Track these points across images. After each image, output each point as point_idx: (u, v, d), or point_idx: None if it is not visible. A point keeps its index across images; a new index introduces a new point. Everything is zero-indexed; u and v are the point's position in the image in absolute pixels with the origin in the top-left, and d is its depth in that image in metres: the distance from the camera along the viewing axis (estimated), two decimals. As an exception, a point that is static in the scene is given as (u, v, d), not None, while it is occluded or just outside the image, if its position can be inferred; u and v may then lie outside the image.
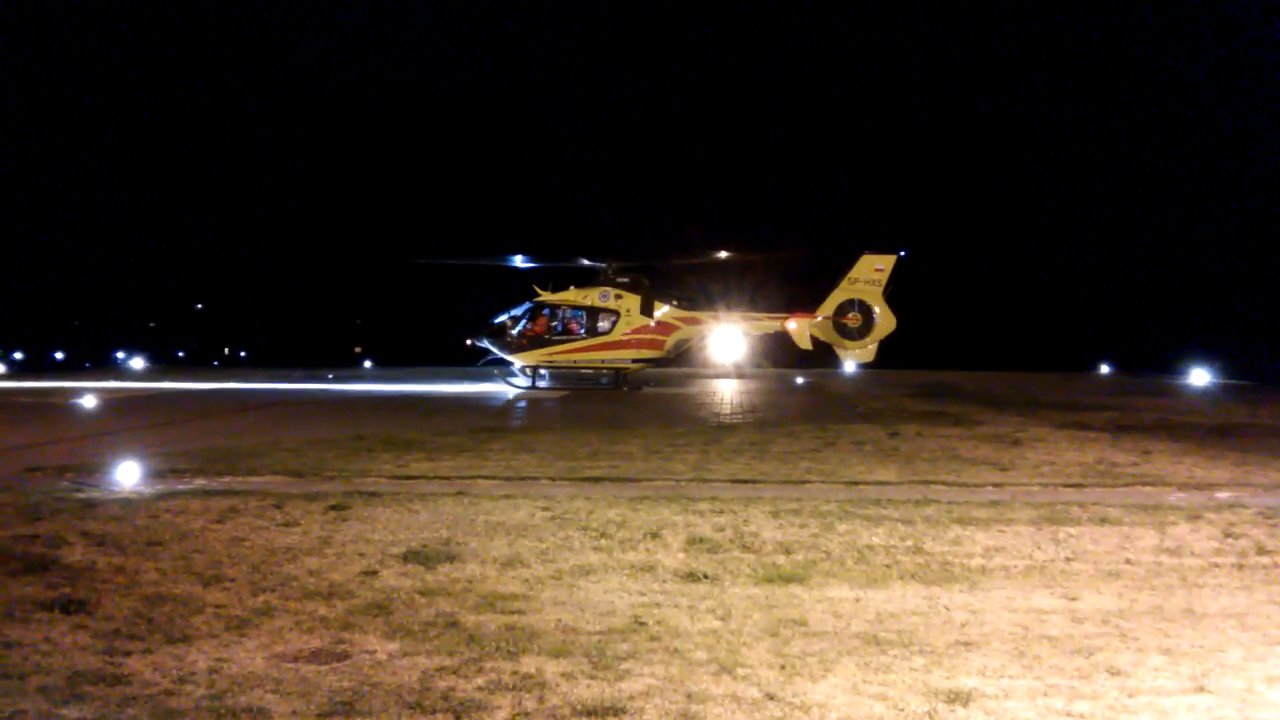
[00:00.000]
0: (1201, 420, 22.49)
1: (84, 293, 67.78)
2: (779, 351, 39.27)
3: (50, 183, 69.84)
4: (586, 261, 35.57)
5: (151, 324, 69.19)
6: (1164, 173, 66.53)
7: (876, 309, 35.28)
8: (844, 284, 35.71)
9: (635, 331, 34.86)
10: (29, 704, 5.73)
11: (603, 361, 34.95)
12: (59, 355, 55.75)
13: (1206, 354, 41.37)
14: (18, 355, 51.48)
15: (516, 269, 36.12)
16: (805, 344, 35.88)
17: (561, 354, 34.93)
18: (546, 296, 34.97)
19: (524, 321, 34.81)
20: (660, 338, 35.12)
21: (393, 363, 49.40)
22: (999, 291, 61.11)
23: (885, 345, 36.51)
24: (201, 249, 69.46)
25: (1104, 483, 13.36)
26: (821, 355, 37.70)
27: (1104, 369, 47.56)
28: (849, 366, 38.30)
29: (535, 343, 34.73)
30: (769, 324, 35.99)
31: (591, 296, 35.00)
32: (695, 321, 35.52)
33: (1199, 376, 38.70)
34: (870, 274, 35.59)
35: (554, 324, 34.84)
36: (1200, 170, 66.06)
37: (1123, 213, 67.34)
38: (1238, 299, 58.79)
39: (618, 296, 34.89)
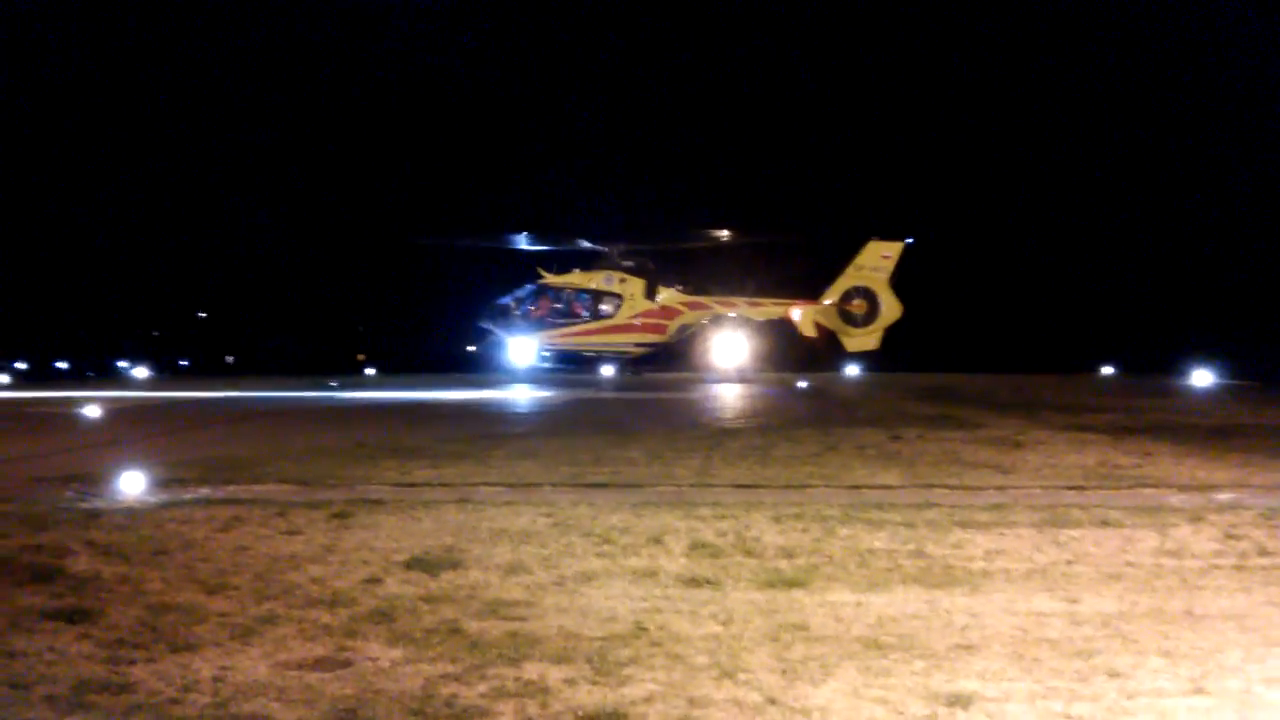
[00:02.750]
0: (1203, 421, 22.49)
1: (87, 302, 67.88)
2: (781, 355, 39.19)
3: (52, 191, 69.93)
4: (590, 244, 35.30)
5: (155, 333, 69.30)
6: (1167, 173, 66.55)
7: (882, 296, 35.12)
8: (850, 270, 35.53)
9: (639, 315, 34.51)
10: (35, 713, 5.79)
11: (605, 345, 34.66)
12: (62, 364, 55.84)
13: (1209, 355, 41.26)
14: (21, 365, 51.57)
15: (520, 254, 35.75)
16: (810, 330, 35.58)
17: (563, 336, 34.65)
18: (550, 279, 34.72)
19: (527, 303, 34.58)
20: (664, 322, 34.81)
21: (395, 370, 49.42)
22: (1000, 293, 61.01)
23: (886, 348, 36.48)
24: (205, 256, 69.52)
25: (1105, 485, 13.37)
26: (824, 357, 37.58)
27: (1106, 370, 47.50)
28: (851, 366, 38.08)
29: (538, 325, 34.47)
30: (774, 310, 35.62)
31: (595, 279, 34.73)
32: (699, 306, 35.16)
33: (1201, 377, 38.63)
34: (877, 261, 35.40)
35: (557, 306, 34.54)
36: (1203, 170, 66.04)
37: (1124, 213, 67.27)
38: (1240, 299, 58.71)
39: (622, 280, 34.61)
